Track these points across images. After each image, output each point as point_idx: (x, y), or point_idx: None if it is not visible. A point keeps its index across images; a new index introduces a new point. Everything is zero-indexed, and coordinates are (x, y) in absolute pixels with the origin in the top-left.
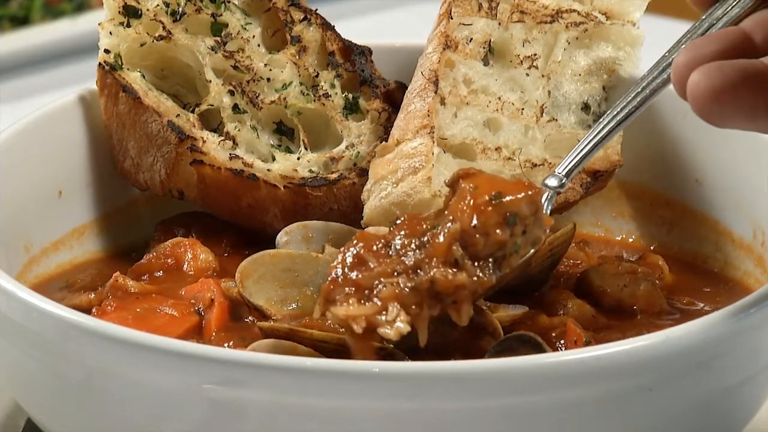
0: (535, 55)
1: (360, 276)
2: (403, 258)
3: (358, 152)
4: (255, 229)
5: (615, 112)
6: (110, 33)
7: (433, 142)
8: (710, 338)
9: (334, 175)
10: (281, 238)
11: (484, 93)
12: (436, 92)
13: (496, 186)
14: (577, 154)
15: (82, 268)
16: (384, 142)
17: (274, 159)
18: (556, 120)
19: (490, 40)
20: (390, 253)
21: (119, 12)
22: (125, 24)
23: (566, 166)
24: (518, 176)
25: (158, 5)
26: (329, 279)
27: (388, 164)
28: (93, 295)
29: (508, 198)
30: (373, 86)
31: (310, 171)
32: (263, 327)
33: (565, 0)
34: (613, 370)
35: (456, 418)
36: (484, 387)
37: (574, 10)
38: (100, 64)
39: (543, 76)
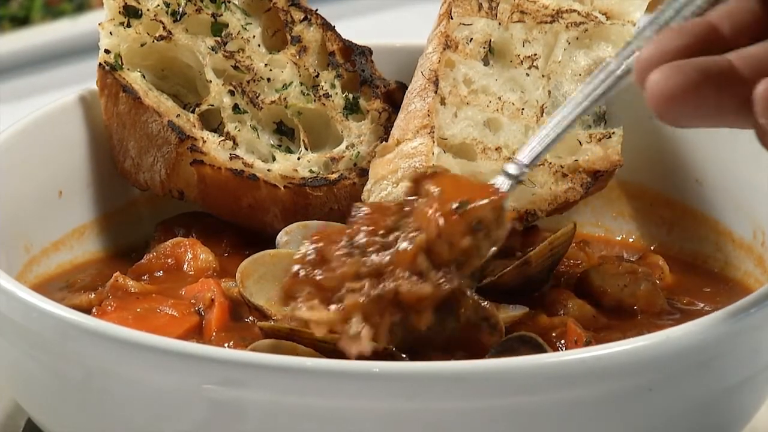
0: (535, 55)
1: (322, 276)
2: (365, 259)
3: (359, 152)
4: (255, 229)
5: (579, 99)
6: (110, 33)
7: (433, 142)
8: (710, 338)
9: (335, 175)
10: (281, 238)
11: (484, 93)
12: (436, 92)
13: (461, 191)
14: (539, 143)
15: (82, 268)
16: (384, 142)
17: (274, 159)
18: None
19: (490, 40)
20: (352, 252)
21: (119, 12)
22: (125, 24)
23: (528, 154)
24: None
25: (158, 5)
26: (290, 275)
27: (389, 164)
28: (93, 295)
29: (473, 205)
30: (373, 86)
31: (311, 171)
32: (263, 327)
33: (565, 0)
34: (613, 370)
35: (456, 418)
36: (484, 387)
37: (574, 10)
38: (100, 64)
39: (543, 76)
